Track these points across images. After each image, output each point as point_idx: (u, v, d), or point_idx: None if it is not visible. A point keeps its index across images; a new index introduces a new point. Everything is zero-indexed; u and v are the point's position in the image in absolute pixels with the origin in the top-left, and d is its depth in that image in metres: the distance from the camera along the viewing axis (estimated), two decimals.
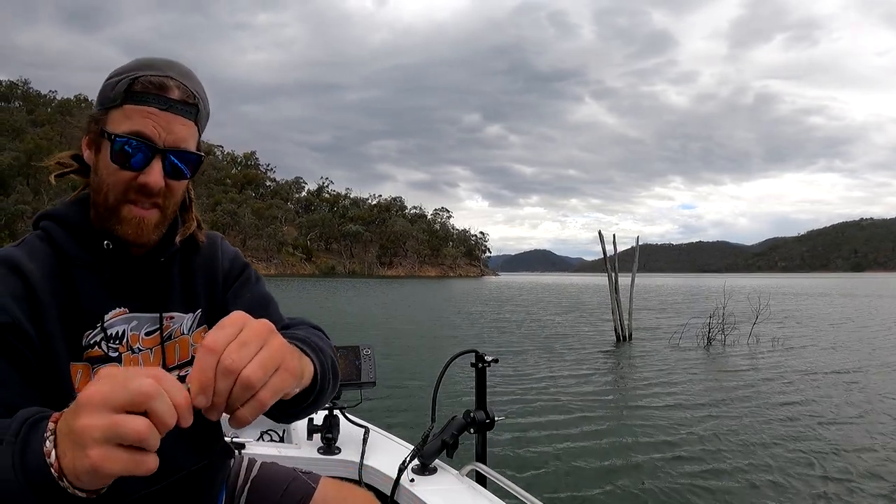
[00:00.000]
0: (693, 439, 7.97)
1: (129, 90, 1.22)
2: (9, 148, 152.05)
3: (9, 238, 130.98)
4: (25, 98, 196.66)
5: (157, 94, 1.22)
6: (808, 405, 9.96)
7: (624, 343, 18.55)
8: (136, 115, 1.21)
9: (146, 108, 1.21)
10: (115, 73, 1.26)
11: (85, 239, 1.29)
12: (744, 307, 22.87)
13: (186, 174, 1.29)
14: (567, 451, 7.47)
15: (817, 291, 68.10)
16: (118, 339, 1.31)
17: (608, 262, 19.59)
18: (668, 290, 73.48)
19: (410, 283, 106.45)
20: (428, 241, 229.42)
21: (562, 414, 9.35)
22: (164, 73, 1.25)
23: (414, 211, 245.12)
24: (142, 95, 1.22)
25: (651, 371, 13.40)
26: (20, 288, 1.18)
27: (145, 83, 1.22)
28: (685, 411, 9.50)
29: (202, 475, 1.45)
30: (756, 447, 7.63)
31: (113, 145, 1.21)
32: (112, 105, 1.23)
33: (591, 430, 8.40)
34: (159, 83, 1.23)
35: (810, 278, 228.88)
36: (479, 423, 2.48)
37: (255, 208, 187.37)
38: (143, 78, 1.22)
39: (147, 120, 1.21)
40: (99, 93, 1.28)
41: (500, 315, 30.90)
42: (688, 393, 10.87)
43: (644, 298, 42.56)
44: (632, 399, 10.55)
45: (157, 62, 1.28)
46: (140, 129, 1.21)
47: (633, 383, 12.05)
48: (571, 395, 10.70)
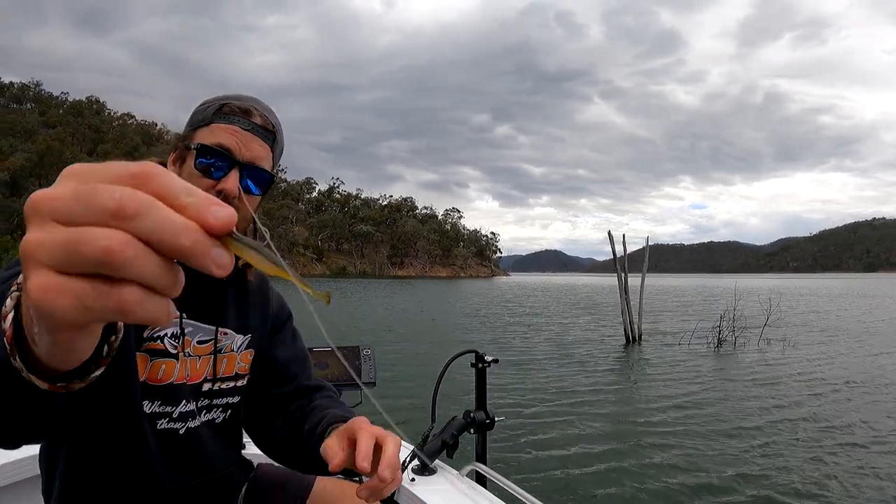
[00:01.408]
0: (697, 442, 7.92)
1: (217, 112, 1.36)
2: (21, 149, 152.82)
3: (21, 238, 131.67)
4: (37, 100, 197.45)
5: (242, 116, 1.37)
6: (817, 409, 9.88)
7: (633, 344, 18.46)
8: (221, 132, 1.34)
9: (231, 126, 1.35)
10: (206, 102, 1.41)
11: None
12: (755, 309, 22.75)
13: (258, 191, 1.40)
14: (568, 452, 7.45)
15: (834, 293, 67.72)
16: (177, 339, 1.38)
17: (618, 263, 19.51)
18: (678, 290, 73.25)
19: (421, 283, 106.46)
20: (439, 241, 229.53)
21: (564, 414, 9.34)
22: (249, 102, 1.40)
23: (425, 211, 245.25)
24: (228, 116, 1.36)
25: (659, 373, 13.35)
26: None
27: (233, 107, 1.36)
28: (691, 414, 9.44)
29: (226, 481, 1.53)
30: (758, 450, 7.59)
31: (197, 154, 1.33)
32: (200, 124, 1.37)
33: (593, 432, 8.38)
34: (245, 108, 1.37)
35: (823, 279, 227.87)
36: (479, 424, 2.48)
37: (266, 209, 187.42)
38: (231, 103, 1.37)
39: (230, 136, 1.34)
40: (189, 118, 1.41)
41: (507, 315, 30.84)
42: (694, 395, 10.80)
43: (655, 299, 42.66)
44: (637, 401, 10.51)
45: (244, 96, 1.43)
46: (223, 143, 1.33)
47: (640, 385, 12.00)
48: (576, 395, 10.68)
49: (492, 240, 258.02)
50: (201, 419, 1.43)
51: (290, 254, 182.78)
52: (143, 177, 0.43)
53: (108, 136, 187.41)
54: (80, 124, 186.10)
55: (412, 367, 12.76)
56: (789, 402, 10.32)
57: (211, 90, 61.01)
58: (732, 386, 11.81)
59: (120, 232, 0.41)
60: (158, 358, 1.35)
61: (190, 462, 1.41)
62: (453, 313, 32.46)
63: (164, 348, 1.36)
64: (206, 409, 1.45)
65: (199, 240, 0.43)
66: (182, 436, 1.39)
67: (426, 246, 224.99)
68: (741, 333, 18.66)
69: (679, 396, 10.72)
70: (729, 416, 9.32)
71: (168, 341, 1.37)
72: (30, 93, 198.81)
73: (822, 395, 11.01)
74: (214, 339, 1.46)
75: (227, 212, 0.43)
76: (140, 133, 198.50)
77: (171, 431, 1.37)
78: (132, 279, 0.42)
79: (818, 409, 9.78)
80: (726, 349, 17.33)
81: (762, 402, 10.35)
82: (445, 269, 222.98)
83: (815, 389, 11.47)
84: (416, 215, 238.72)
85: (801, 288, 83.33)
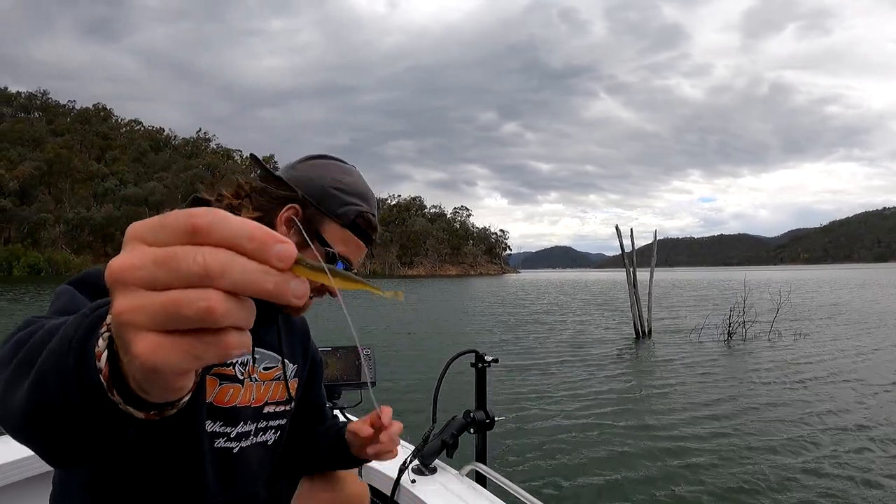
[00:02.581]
0: (703, 440, 7.83)
1: (354, 221, 1.44)
2: (30, 158, 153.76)
3: (32, 246, 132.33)
4: (45, 108, 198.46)
5: (370, 233, 1.48)
6: (827, 404, 9.72)
7: (643, 339, 18.37)
8: (351, 244, 1.45)
9: (360, 242, 1.47)
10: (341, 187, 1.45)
11: None
12: (765, 301, 22.63)
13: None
14: (569, 451, 7.39)
15: (853, 283, 67.31)
16: (244, 365, 1.47)
17: (626, 257, 19.43)
18: (689, 284, 73.02)
19: (431, 282, 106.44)
20: (448, 239, 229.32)
21: (568, 412, 9.27)
22: (374, 209, 1.50)
23: (433, 210, 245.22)
24: (362, 231, 1.46)
25: (668, 368, 13.24)
26: None
27: (368, 221, 1.47)
28: (697, 411, 9.31)
29: (270, 497, 1.61)
30: (765, 450, 7.45)
31: (327, 256, 1.42)
32: (337, 218, 1.43)
33: (597, 429, 8.30)
34: (374, 224, 1.49)
35: (835, 270, 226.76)
36: (479, 424, 2.47)
37: None
38: (367, 214, 1.46)
39: (356, 251, 1.47)
40: (316, 187, 1.43)
41: (516, 312, 30.79)
42: (703, 391, 10.65)
43: (665, 293, 42.63)
44: (644, 397, 10.40)
45: (371, 196, 1.51)
46: (349, 256, 1.45)
47: (648, 381, 11.87)
48: (581, 392, 10.60)
49: (501, 237, 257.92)
50: (256, 440, 1.51)
51: None
52: (206, 228, 0.47)
53: (115, 142, 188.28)
54: (88, 132, 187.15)
55: (413, 367, 12.70)
56: (798, 396, 10.21)
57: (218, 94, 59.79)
58: (741, 380, 11.69)
59: (212, 291, 0.46)
60: (227, 382, 1.42)
61: (238, 478, 1.47)
62: (462, 312, 32.40)
63: (234, 374, 1.44)
64: (263, 431, 1.53)
65: (279, 280, 0.48)
66: (235, 454, 1.45)
67: (435, 245, 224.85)
68: (751, 326, 18.53)
69: (687, 392, 10.63)
70: (737, 412, 9.19)
71: (238, 368, 1.45)
72: (37, 102, 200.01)
73: (832, 389, 10.91)
74: (282, 364, 1.57)
75: (288, 249, 0.48)
76: (148, 139, 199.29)
77: (225, 450, 1.43)
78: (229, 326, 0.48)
79: (827, 404, 9.67)
80: (737, 342, 17.24)
81: (771, 397, 10.22)
82: (455, 267, 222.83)
83: (827, 383, 11.38)
84: (425, 214, 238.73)
85: (813, 279, 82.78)
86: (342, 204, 1.44)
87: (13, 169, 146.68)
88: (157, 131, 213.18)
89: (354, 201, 1.46)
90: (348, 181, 1.47)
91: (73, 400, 0.63)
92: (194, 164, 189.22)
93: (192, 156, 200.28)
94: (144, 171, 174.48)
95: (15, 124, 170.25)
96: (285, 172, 1.46)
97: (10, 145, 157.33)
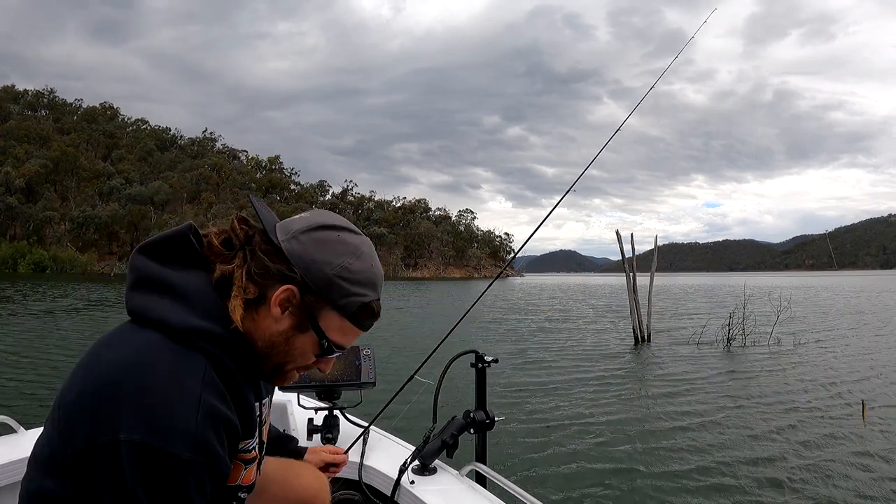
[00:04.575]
0: (699, 443, 7.87)
1: (362, 309, 1.36)
2: (36, 155, 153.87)
3: (37, 243, 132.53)
4: (52, 107, 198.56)
5: (371, 321, 1.41)
6: (827, 410, 9.76)
7: (642, 344, 18.37)
8: (350, 334, 1.38)
9: (360, 331, 1.39)
10: (348, 277, 1.33)
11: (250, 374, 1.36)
12: (765, 308, 22.60)
13: None
14: (569, 452, 7.41)
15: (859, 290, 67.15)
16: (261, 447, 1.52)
17: (626, 262, 19.43)
18: (691, 289, 72.89)
19: (435, 284, 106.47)
20: (453, 242, 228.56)
21: (566, 415, 9.30)
22: (379, 293, 1.41)
23: (438, 213, 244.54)
24: (365, 322, 1.39)
25: (666, 373, 13.28)
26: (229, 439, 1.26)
27: (371, 311, 1.38)
28: (695, 416, 9.33)
29: None
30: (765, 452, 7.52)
31: (322, 346, 1.37)
32: (336, 307, 1.33)
33: (595, 431, 8.33)
34: (377, 312, 1.40)
35: (839, 276, 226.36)
36: (478, 424, 2.47)
37: (280, 212, 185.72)
38: (371, 304, 1.37)
39: (353, 338, 1.40)
40: (319, 274, 1.31)
41: (515, 316, 30.76)
42: (700, 396, 10.74)
43: (666, 299, 42.53)
44: (641, 401, 10.42)
45: (378, 279, 1.41)
46: (346, 345, 1.40)
47: (646, 385, 11.91)
48: (579, 395, 10.64)
49: (506, 240, 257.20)
50: None
51: None
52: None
53: (121, 141, 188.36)
54: (94, 130, 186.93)
55: (413, 368, 12.67)
56: (796, 402, 10.24)
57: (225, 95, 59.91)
58: (739, 385, 11.74)
59: None
60: (249, 465, 1.44)
61: None
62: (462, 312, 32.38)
63: (255, 456, 1.46)
64: None
65: None
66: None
67: (440, 247, 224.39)
68: (751, 332, 18.51)
69: (682, 396, 10.69)
70: (733, 418, 9.25)
71: (256, 449, 1.46)
72: (44, 100, 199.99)
73: (831, 393, 10.96)
74: (269, 404, 1.64)
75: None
76: (154, 138, 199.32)
77: None
78: None
79: (827, 411, 9.72)
80: (736, 348, 17.23)
81: (768, 401, 10.27)
82: (460, 269, 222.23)
83: (823, 389, 11.42)
84: (430, 217, 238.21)
85: (817, 286, 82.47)
86: (346, 295, 1.34)
87: (19, 166, 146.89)
88: (163, 131, 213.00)
89: (360, 291, 1.35)
90: (357, 268, 1.35)
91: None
92: (200, 163, 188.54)
93: (197, 156, 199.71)
94: (150, 170, 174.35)
95: (22, 122, 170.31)
96: (287, 240, 1.32)
97: (17, 143, 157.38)
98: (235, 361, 1.30)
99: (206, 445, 1.17)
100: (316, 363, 1.43)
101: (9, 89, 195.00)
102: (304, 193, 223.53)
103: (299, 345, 1.36)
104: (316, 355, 1.40)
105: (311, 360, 1.41)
